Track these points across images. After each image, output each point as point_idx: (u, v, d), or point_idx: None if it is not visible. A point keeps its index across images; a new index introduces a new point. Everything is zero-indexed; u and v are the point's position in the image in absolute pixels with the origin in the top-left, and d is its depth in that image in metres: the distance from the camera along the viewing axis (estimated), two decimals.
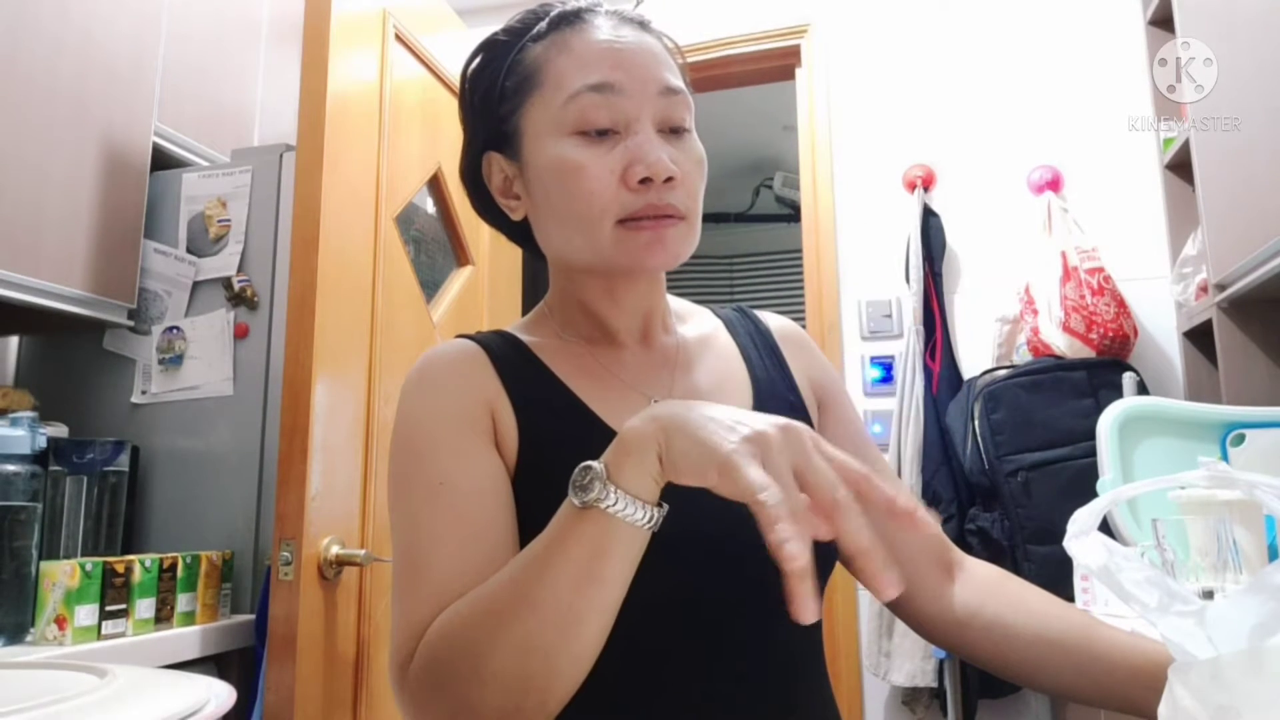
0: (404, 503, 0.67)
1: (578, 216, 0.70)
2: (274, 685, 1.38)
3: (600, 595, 0.55)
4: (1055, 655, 0.71)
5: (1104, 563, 0.52)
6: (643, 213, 0.68)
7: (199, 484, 1.76)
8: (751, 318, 0.87)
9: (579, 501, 0.54)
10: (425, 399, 0.70)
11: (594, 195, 0.68)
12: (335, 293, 1.54)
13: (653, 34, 0.75)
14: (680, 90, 0.71)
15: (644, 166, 0.67)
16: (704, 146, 0.73)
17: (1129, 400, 1.54)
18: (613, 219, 0.68)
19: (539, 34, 0.73)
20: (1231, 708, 0.45)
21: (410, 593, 0.63)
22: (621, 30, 0.72)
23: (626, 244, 0.69)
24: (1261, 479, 0.53)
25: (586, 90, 0.69)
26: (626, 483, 0.54)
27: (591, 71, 0.69)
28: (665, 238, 0.69)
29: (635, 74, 0.69)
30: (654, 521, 0.55)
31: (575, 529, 0.55)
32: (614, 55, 0.70)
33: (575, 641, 0.55)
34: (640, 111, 0.69)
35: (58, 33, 1.68)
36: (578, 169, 0.68)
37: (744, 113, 3.54)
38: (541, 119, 0.71)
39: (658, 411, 0.56)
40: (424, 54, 1.92)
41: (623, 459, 0.54)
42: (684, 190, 0.70)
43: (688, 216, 0.70)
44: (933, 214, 2.22)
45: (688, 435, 0.53)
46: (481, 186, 0.79)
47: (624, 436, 0.55)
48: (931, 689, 1.97)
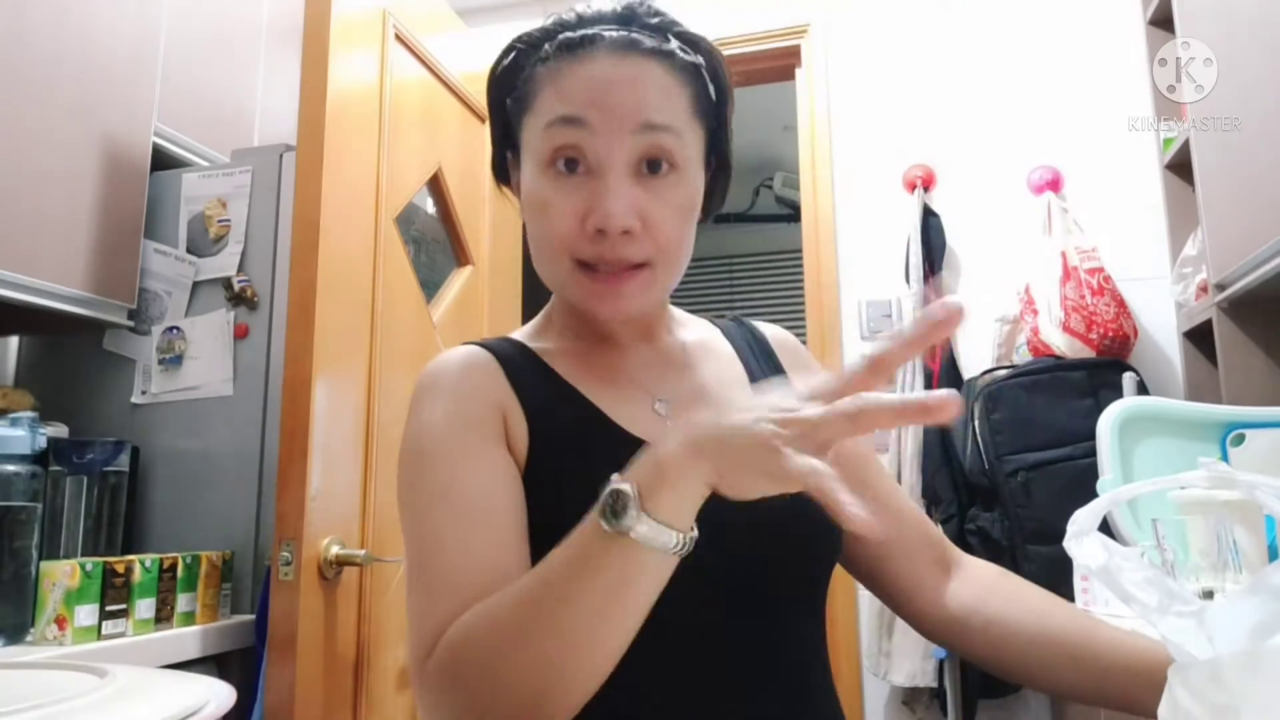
0: (416, 505, 0.67)
1: (542, 250, 0.71)
2: (274, 685, 1.38)
3: (622, 620, 0.55)
4: (1054, 654, 0.71)
5: (1104, 563, 0.52)
6: (593, 262, 0.68)
7: (199, 484, 1.75)
8: (748, 326, 0.88)
9: (609, 526, 0.53)
10: (435, 403, 0.70)
11: (554, 236, 0.68)
12: (335, 293, 1.54)
13: (671, 62, 0.70)
14: (665, 127, 0.68)
15: (597, 217, 0.66)
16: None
17: (1129, 400, 1.54)
18: (570, 259, 0.69)
19: (544, 55, 0.71)
20: (1231, 708, 0.45)
21: (426, 593, 0.63)
22: (620, 61, 0.68)
23: (581, 289, 0.69)
24: (1261, 479, 0.53)
25: (558, 122, 0.68)
26: (660, 510, 0.52)
27: (567, 104, 0.68)
28: (621, 291, 0.68)
29: (612, 110, 0.67)
30: (684, 548, 0.54)
31: (603, 555, 0.53)
32: (596, 90, 0.67)
33: (592, 662, 0.55)
34: (609, 152, 0.67)
35: (58, 33, 1.68)
36: (544, 205, 0.69)
37: (744, 113, 3.50)
38: (528, 142, 0.72)
39: (696, 434, 0.53)
40: (424, 54, 1.92)
41: (658, 485, 0.52)
42: (650, 239, 0.68)
43: (653, 264, 0.69)
44: (933, 214, 2.22)
45: (737, 457, 0.51)
46: (509, 178, 0.80)
47: (661, 463, 0.53)
48: (931, 689, 1.97)
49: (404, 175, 1.82)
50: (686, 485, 0.52)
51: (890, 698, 2.10)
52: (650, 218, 0.67)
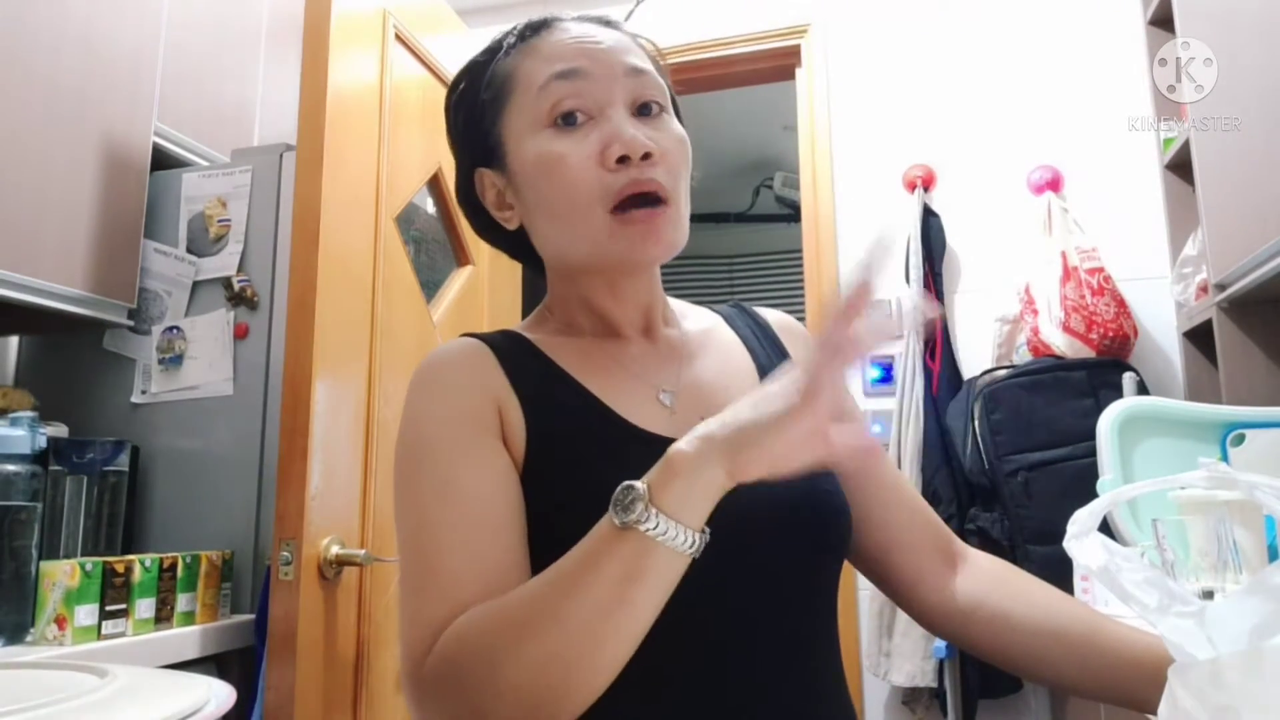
0: (412, 502, 0.66)
1: (568, 208, 0.70)
2: (274, 685, 1.38)
3: (630, 619, 0.54)
4: (1058, 649, 0.71)
5: (1104, 563, 0.52)
6: (626, 190, 0.68)
7: (199, 484, 1.75)
8: (750, 312, 0.88)
9: (619, 521, 0.53)
10: (431, 398, 0.70)
11: (578, 183, 0.69)
12: (335, 293, 1.54)
13: (625, 32, 0.77)
14: (647, 70, 0.73)
15: (619, 145, 0.68)
16: (704, 147, 0.73)
17: (1129, 400, 1.54)
18: (602, 207, 0.69)
19: (509, 47, 0.76)
20: (1231, 708, 0.45)
21: (421, 592, 0.62)
22: (588, 29, 0.74)
23: (620, 237, 0.69)
24: (1261, 480, 0.53)
25: (554, 79, 0.71)
26: (670, 506, 0.53)
27: (558, 62, 0.71)
28: (657, 228, 0.69)
29: (601, 59, 0.71)
30: (695, 547, 0.54)
31: (611, 548, 0.54)
32: (579, 47, 0.72)
33: (596, 662, 0.54)
34: (610, 94, 0.70)
35: (58, 33, 1.68)
36: (559, 159, 0.69)
37: (744, 113, 3.54)
38: (519, 121, 0.73)
39: (711, 430, 0.55)
40: (424, 54, 1.92)
41: (669, 481, 0.54)
42: (665, 168, 0.70)
43: (672, 199, 0.70)
44: (933, 214, 2.22)
45: (752, 446, 0.54)
46: (478, 205, 0.80)
47: (672, 460, 0.55)
48: (931, 689, 1.97)
49: (404, 175, 1.82)
50: (698, 480, 0.53)
51: (890, 698, 2.09)
52: (661, 146, 0.70)
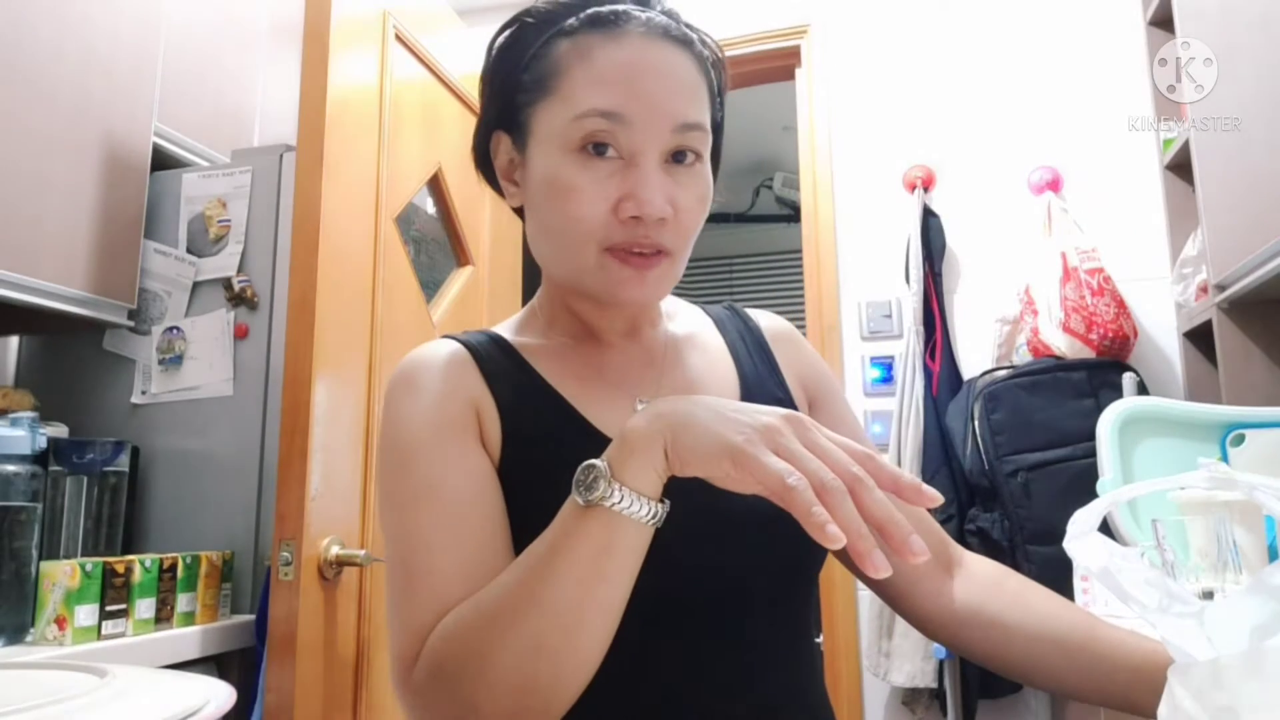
0: (395, 508, 0.67)
1: (563, 235, 0.68)
2: (274, 685, 1.38)
3: (607, 594, 0.55)
4: (1056, 654, 0.71)
5: (1104, 564, 0.52)
6: (627, 244, 0.67)
7: (199, 484, 1.76)
8: (742, 316, 0.86)
9: (583, 500, 0.55)
10: (409, 402, 0.70)
11: (583, 219, 0.66)
12: (335, 293, 1.54)
13: (692, 52, 0.70)
14: (698, 126, 0.68)
15: (635, 205, 0.65)
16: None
17: (1129, 401, 1.54)
18: (597, 245, 0.67)
19: (569, 29, 0.69)
20: (1231, 709, 0.45)
21: (408, 597, 0.63)
22: (652, 47, 0.67)
23: (607, 274, 0.68)
24: (1261, 480, 0.53)
25: (595, 114, 0.65)
26: (630, 479, 0.55)
27: (605, 94, 0.65)
28: (647, 277, 0.68)
29: (650, 104, 0.66)
30: (658, 517, 0.56)
31: (580, 527, 0.55)
32: (633, 79, 0.66)
33: (581, 643, 0.55)
34: (646, 145, 0.66)
35: (58, 34, 1.68)
36: (571, 191, 0.66)
37: (744, 113, 3.54)
38: (548, 127, 0.68)
39: (661, 408, 0.57)
40: (424, 54, 1.92)
41: (626, 456, 0.55)
42: (674, 229, 0.68)
43: (673, 254, 0.69)
44: (933, 214, 2.22)
45: (696, 428, 0.54)
46: (488, 160, 0.78)
47: (627, 434, 0.56)
48: (931, 689, 1.97)
49: (404, 175, 1.82)
50: (649, 453, 0.55)
51: (890, 698, 2.09)
52: (679, 205, 0.67)
